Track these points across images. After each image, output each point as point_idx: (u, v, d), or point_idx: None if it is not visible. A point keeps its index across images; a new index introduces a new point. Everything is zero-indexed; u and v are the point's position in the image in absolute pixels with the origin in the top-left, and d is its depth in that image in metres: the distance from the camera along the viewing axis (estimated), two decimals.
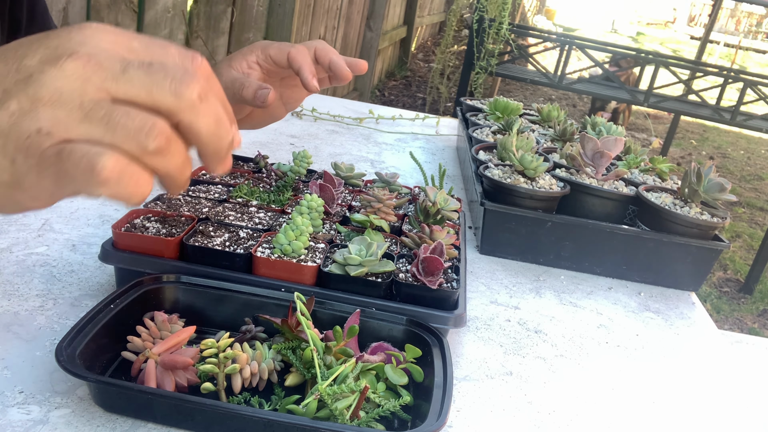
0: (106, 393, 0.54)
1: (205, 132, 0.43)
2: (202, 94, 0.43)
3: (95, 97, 0.41)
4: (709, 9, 14.90)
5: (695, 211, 1.00)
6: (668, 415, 0.70)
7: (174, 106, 0.42)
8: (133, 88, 0.41)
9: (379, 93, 6.27)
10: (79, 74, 0.41)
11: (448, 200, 0.90)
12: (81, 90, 0.41)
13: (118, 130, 0.40)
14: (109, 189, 0.40)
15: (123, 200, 0.41)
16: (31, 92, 0.41)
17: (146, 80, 0.41)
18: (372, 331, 0.65)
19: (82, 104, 0.40)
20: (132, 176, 0.40)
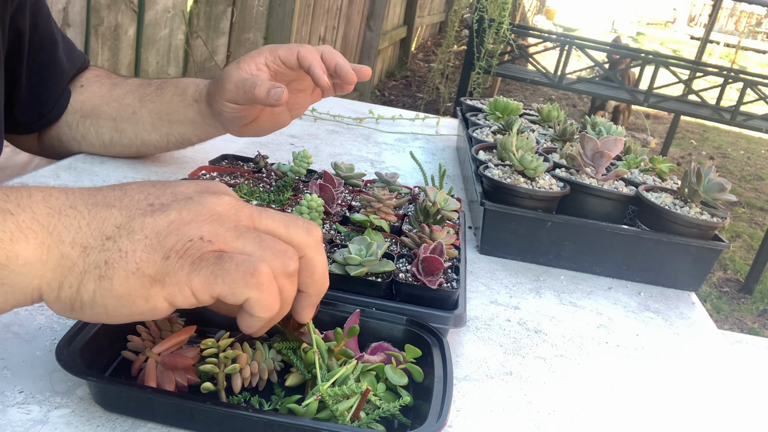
0: (106, 393, 0.54)
1: (320, 269, 0.52)
2: (322, 240, 0.53)
3: (246, 224, 0.49)
4: (709, 9, 14.89)
5: (695, 211, 1.00)
6: (668, 415, 0.70)
7: (304, 242, 0.51)
8: (274, 222, 0.51)
9: (379, 93, 6.27)
10: (233, 205, 0.50)
11: (448, 200, 0.90)
12: (236, 216, 0.50)
13: (267, 250, 0.48)
14: (258, 292, 0.47)
15: (262, 309, 0.47)
16: (193, 208, 0.48)
17: (284, 219, 0.51)
18: (372, 331, 0.65)
19: (237, 227, 0.49)
20: (275, 288, 0.48)
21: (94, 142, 1.05)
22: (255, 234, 0.49)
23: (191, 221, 0.48)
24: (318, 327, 0.62)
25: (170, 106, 1.01)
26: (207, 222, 0.48)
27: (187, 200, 0.49)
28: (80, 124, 1.04)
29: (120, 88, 1.04)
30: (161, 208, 0.48)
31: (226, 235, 0.48)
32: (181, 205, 0.49)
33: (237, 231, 0.48)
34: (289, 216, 0.51)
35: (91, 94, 1.04)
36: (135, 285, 0.46)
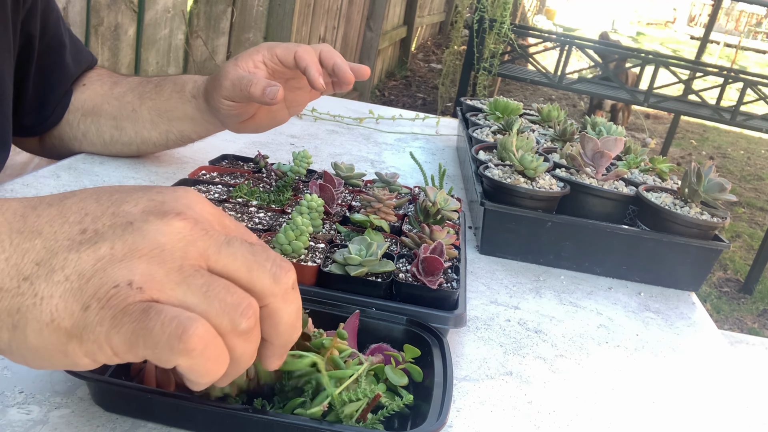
0: (106, 393, 0.54)
1: (286, 321, 0.42)
2: (295, 284, 0.42)
3: (195, 264, 0.39)
4: (709, 9, 14.90)
5: (695, 211, 1.00)
6: (668, 415, 0.70)
7: (269, 290, 0.40)
8: (235, 262, 0.40)
9: (379, 93, 6.28)
10: (185, 235, 0.39)
11: (448, 200, 0.90)
12: (183, 252, 0.39)
13: (214, 303, 0.38)
14: (189, 360, 0.37)
15: (197, 375, 0.38)
16: (130, 240, 0.39)
17: (249, 258, 0.40)
18: (372, 331, 0.65)
19: (182, 267, 0.38)
20: (215, 351, 0.38)
21: (94, 140, 1.05)
22: (203, 279, 0.39)
23: (124, 258, 0.38)
24: (318, 326, 0.62)
25: (169, 103, 1.01)
26: (144, 260, 0.38)
27: (126, 227, 0.39)
28: (81, 123, 1.04)
29: (120, 86, 1.05)
30: (93, 238, 0.39)
31: (164, 280, 0.38)
32: (116, 235, 0.39)
33: (181, 274, 0.38)
34: (257, 254, 0.40)
35: (92, 92, 1.04)
36: (50, 339, 0.38)
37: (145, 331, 0.37)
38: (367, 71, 0.94)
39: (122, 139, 1.04)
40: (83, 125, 1.04)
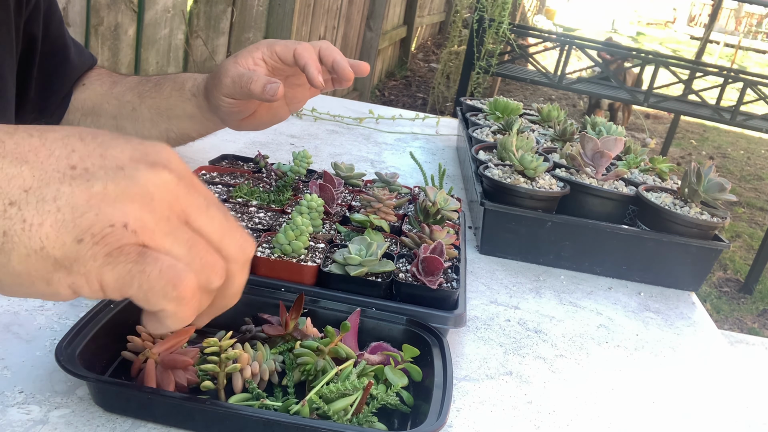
0: (106, 393, 0.54)
1: (236, 287, 0.45)
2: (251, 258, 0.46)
3: (180, 218, 0.41)
4: (709, 9, 14.90)
5: (695, 211, 1.00)
6: (668, 415, 0.70)
7: (233, 257, 0.43)
8: (211, 225, 0.42)
9: (379, 93, 6.28)
10: (171, 188, 0.41)
11: (448, 200, 0.90)
12: (170, 204, 0.40)
13: (197, 259, 0.41)
14: (176, 307, 0.40)
15: (176, 322, 0.41)
16: (123, 184, 0.39)
17: (224, 224, 0.43)
18: (372, 330, 0.65)
19: (169, 219, 0.40)
20: (195, 303, 0.41)
21: None
22: (188, 235, 0.41)
23: (116, 199, 0.39)
24: (318, 326, 0.63)
25: (169, 101, 1.01)
26: (135, 203, 0.39)
27: (118, 170, 0.40)
28: (81, 122, 1.04)
29: (120, 85, 1.05)
30: (84, 175, 0.39)
31: (155, 228, 0.40)
32: (108, 176, 0.40)
33: (169, 225, 0.40)
34: (228, 222, 0.43)
35: (92, 92, 1.04)
36: (36, 266, 0.39)
37: (143, 273, 0.39)
38: (366, 68, 0.93)
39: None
40: (83, 125, 1.04)
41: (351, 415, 0.54)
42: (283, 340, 0.61)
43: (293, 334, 0.60)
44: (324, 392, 0.54)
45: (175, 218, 0.40)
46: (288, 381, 0.58)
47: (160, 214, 0.40)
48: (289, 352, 0.60)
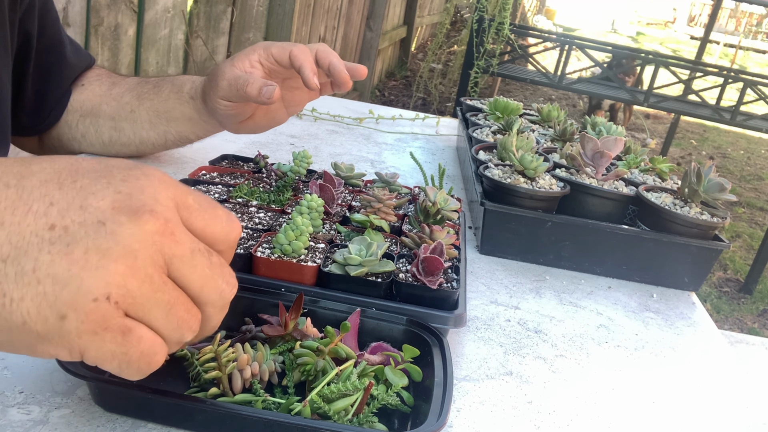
0: (106, 393, 0.54)
1: (211, 327, 0.45)
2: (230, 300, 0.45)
3: (162, 270, 0.40)
4: (709, 9, 14.89)
5: (695, 211, 1.00)
6: (668, 415, 0.70)
7: (212, 303, 0.43)
8: (193, 275, 0.41)
9: (379, 93, 6.28)
10: (155, 240, 0.39)
11: (448, 200, 0.90)
12: (153, 259, 0.39)
13: (173, 320, 0.41)
14: (140, 376, 0.41)
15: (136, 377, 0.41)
16: (104, 246, 0.38)
17: (206, 273, 0.42)
18: (372, 331, 0.65)
19: (152, 278, 0.39)
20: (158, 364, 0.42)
21: (93, 141, 1.05)
22: (168, 296, 0.40)
23: (98, 266, 0.37)
24: (318, 327, 0.62)
25: (167, 103, 1.01)
26: (119, 266, 0.38)
27: (99, 227, 0.38)
28: (80, 124, 1.04)
29: (118, 86, 1.05)
30: (63, 237, 0.37)
31: (137, 293, 0.39)
32: (89, 237, 0.38)
33: (151, 287, 0.39)
34: (213, 269, 0.42)
35: (90, 93, 1.04)
36: (19, 337, 0.38)
37: (125, 355, 0.39)
38: (363, 71, 0.94)
39: (121, 139, 1.04)
40: (82, 126, 1.04)
41: (351, 416, 0.54)
42: (283, 340, 0.61)
43: (293, 334, 0.60)
44: (325, 392, 0.54)
45: (157, 276, 0.39)
46: (288, 381, 0.58)
47: (143, 274, 0.39)
48: (289, 352, 0.60)
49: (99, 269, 0.37)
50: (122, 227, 0.38)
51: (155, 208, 0.40)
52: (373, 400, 0.55)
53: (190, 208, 0.42)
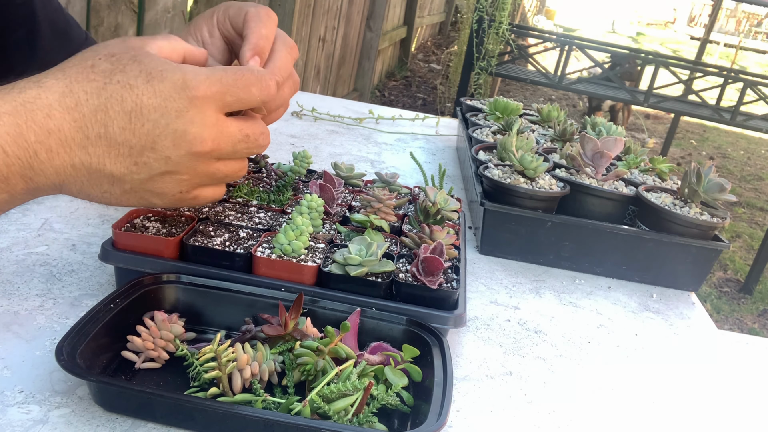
0: (106, 393, 0.54)
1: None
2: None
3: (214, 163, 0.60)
4: (709, 9, 14.89)
5: (695, 211, 1.00)
6: (668, 415, 0.70)
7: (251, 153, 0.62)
8: (233, 157, 0.61)
9: (379, 93, 6.28)
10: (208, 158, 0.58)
11: (448, 200, 0.90)
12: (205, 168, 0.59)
13: (220, 180, 0.62)
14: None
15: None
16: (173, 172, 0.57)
17: (245, 152, 0.61)
18: (372, 331, 0.65)
19: (210, 174, 0.60)
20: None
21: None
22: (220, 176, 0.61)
23: (189, 190, 0.60)
24: (318, 326, 0.62)
25: None
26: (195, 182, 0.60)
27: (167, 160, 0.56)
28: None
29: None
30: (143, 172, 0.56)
31: (199, 183, 0.60)
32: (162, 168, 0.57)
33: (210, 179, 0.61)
34: (248, 141, 0.60)
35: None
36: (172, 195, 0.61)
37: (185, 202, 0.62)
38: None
39: None
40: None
41: (351, 416, 0.54)
42: (282, 340, 0.61)
43: (293, 334, 0.60)
44: (325, 392, 0.54)
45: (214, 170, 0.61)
46: (288, 381, 0.58)
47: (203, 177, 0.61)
48: (289, 352, 0.60)
49: (189, 191, 0.60)
50: (184, 159, 0.57)
51: (204, 135, 0.57)
52: (373, 400, 0.55)
53: (231, 105, 0.58)
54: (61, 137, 0.53)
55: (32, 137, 0.52)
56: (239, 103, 0.58)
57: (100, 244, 0.71)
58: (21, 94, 0.52)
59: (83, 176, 0.55)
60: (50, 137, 0.52)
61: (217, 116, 0.57)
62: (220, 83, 0.57)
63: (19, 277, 0.73)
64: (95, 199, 0.58)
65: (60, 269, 0.76)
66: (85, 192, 0.57)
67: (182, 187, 0.59)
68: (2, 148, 0.50)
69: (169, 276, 0.67)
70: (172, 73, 0.56)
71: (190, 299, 0.66)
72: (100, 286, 0.74)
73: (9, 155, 0.51)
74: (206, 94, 0.56)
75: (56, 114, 0.53)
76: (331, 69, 4.79)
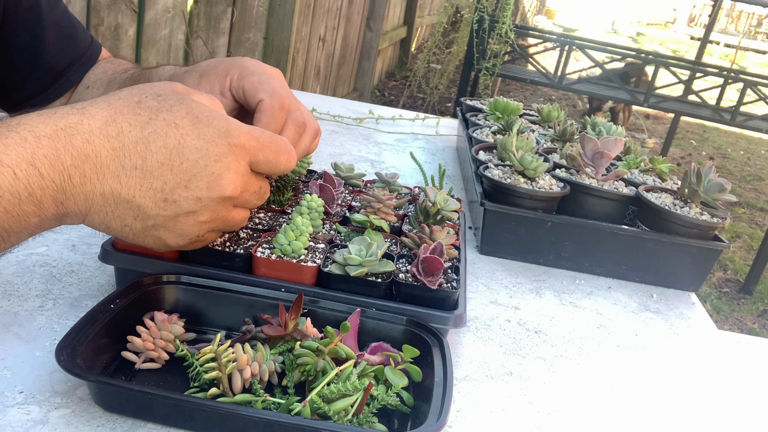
0: (106, 393, 0.54)
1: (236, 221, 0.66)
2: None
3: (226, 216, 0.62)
4: (709, 9, 14.90)
5: (695, 211, 1.00)
6: (668, 415, 0.70)
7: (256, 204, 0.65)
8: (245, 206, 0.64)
9: (379, 93, 6.28)
10: (230, 204, 0.61)
11: (448, 200, 0.90)
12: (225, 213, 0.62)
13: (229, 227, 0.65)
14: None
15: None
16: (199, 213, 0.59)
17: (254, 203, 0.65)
18: (372, 331, 0.65)
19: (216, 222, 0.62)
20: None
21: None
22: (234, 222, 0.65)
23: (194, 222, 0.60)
24: (318, 327, 0.62)
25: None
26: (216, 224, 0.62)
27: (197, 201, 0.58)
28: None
29: (116, 83, 1.02)
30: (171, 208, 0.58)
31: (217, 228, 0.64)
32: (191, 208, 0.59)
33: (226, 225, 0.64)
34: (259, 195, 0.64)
35: (96, 93, 1.02)
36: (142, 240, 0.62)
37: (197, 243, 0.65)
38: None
39: None
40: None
41: (351, 416, 0.54)
42: (282, 340, 0.61)
43: (293, 334, 0.60)
44: (325, 393, 0.54)
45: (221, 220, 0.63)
46: (288, 381, 0.58)
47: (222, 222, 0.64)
48: (289, 352, 0.60)
49: (194, 225, 0.60)
50: (212, 201, 0.59)
51: (236, 182, 0.60)
52: (373, 401, 0.55)
53: (260, 163, 0.62)
54: (97, 163, 0.54)
55: (68, 161, 0.52)
56: (266, 164, 0.62)
57: (100, 244, 0.71)
58: (63, 119, 0.53)
59: (110, 206, 0.56)
60: (86, 162, 0.53)
61: (246, 168, 0.61)
62: (258, 140, 0.61)
63: (19, 277, 0.73)
64: (114, 232, 0.59)
65: (60, 270, 0.76)
66: (106, 224, 0.58)
67: (200, 231, 0.61)
68: (39, 170, 0.51)
69: (169, 276, 0.67)
70: (218, 120, 0.59)
71: (190, 300, 0.66)
72: (100, 286, 0.74)
73: (44, 178, 0.51)
74: (245, 146, 0.59)
75: (96, 140, 0.54)
76: (331, 69, 4.79)
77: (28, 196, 0.51)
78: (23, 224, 0.52)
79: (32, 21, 0.92)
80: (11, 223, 0.51)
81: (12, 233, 0.53)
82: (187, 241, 0.62)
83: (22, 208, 0.51)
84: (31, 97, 0.98)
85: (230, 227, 0.65)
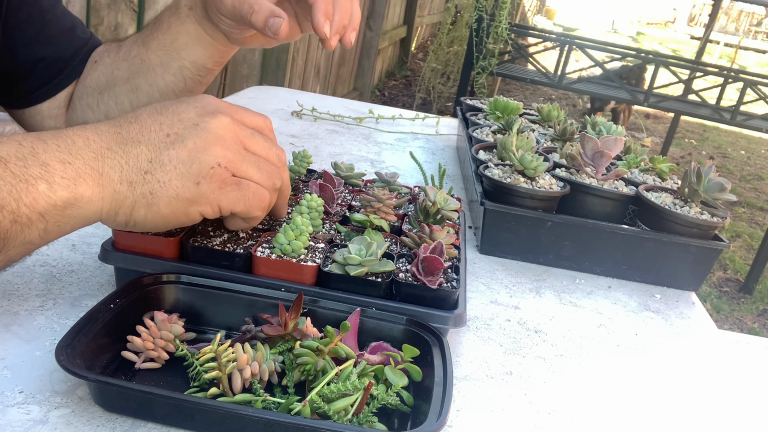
0: (106, 393, 0.54)
1: (285, 182, 0.71)
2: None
3: (241, 146, 0.63)
4: (709, 9, 14.90)
5: (695, 210, 1.00)
6: (668, 414, 0.70)
7: (278, 164, 0.67)
8: (258, 147, 0.65)
9: (379, 93, 6.28)
10: (230, 127, 0.63)
11: (448, 200, 0.89)
12: (234, 138, 0.63)
13: (264, 173, 0.65)
14: (262, 213, 0.67)
15: (257, 221, 0.69)
16: (202, 136, 0.61)
17: (265, 145, 0.66)
18: (372, 330, 0.65)
19: (239, 150, 0.63)
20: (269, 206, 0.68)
21: (116, 115, 1.01)
22: (252, 158, 0.64)
23: (205, 148, 0.60)
24: (317, 326, 0.62)
25: (169, 31, 0.91)
26: (217, 146, 0.61)
27: (195, 127, 0.61)
28: (100, 102, 0.99)
29: (125, 45, 0.99)
30: (177, 139, 0.60)
31: (234, 160, 0.62)
32: (192, 133, 0.61)
33: (240, 155, 0.63)
34: (266, 142, 0.66)
35: (102, 66, 1.00)
36: (177, 206, 0.61)
37: (245, 197, 0.63)
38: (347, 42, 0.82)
39: (141, 100, 0.96)
40: (102, 104, 0.99)
41: (351, 416, 0.54)
42: (282, 340, 0.61)
43: (293, 334, 0.60)
44: (324, 392, 0.54)
45: (241, 148, 0.63)
46: (288, 381, 0.58)
47: (232, 149, 0.62)
48: (289, 352, 0.60)
49: (206, 149, 0.61)
50: (209, 123, 0.62)
51: (223, 110, 0.63)
52: (373, 400, 0.55)
53: (238, 111, 0.65)
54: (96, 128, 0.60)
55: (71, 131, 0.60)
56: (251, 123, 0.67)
57: (100, 244, 0.71)
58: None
59: (120, 156, 0.59)
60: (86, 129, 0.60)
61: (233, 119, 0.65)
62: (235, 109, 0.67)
63: (19, 277, 0.73)
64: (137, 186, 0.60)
65: (60, 269, 0.76)
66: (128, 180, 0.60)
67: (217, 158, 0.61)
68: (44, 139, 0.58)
69: (169, 276, 0.67)
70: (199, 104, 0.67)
71: (190, 299, 0.66)
72: (100, 286, 0.74)
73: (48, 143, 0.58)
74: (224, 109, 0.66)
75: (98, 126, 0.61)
76: (331, 68, 4.79)
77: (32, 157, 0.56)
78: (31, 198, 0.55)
79: (35, 15, 0.92)
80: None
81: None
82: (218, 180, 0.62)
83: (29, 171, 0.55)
84: (37, 89, 0.98)
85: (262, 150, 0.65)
